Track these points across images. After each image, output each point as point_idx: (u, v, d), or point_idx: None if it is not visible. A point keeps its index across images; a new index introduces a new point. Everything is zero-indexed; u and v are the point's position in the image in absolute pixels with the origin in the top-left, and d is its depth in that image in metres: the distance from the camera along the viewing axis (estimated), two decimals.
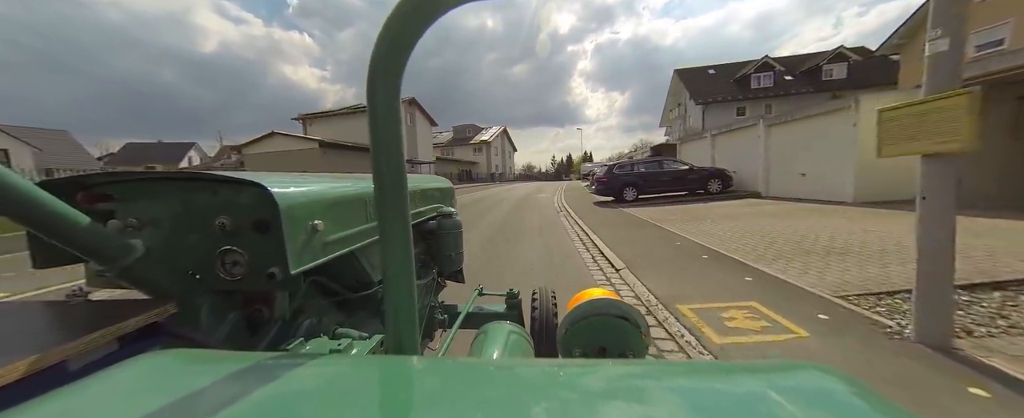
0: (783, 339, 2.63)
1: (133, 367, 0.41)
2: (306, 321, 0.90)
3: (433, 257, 1.59)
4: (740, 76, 31.28)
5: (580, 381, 0.38)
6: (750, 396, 0.35)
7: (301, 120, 31.98)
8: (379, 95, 0.46)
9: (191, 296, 0.74)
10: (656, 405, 0.34)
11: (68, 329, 0.58)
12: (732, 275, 4.11)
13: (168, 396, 0.35)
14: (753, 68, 30.65)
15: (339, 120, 30.71)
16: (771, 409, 0.32)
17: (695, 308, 3.21)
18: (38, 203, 0.52)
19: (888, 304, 3.10)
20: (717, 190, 12.88)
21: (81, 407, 0.34)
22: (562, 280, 4.31)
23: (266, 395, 0.35)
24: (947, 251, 2.34)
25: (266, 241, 0.72)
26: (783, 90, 29.47)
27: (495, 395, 0.37)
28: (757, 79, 30.54)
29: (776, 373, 0.39)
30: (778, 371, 0.39)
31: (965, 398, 1.91)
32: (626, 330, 0.80)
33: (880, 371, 2.18)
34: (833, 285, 3.58)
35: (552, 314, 1.69)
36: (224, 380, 0.38)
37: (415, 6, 0.42)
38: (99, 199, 0.75)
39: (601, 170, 14.22)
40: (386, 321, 0.53)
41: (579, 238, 7.13)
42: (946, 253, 2.35)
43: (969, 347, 2.35)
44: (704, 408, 0.33)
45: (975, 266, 3.81)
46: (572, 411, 0.32)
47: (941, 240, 2.35)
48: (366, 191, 0.99)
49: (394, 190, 0.49)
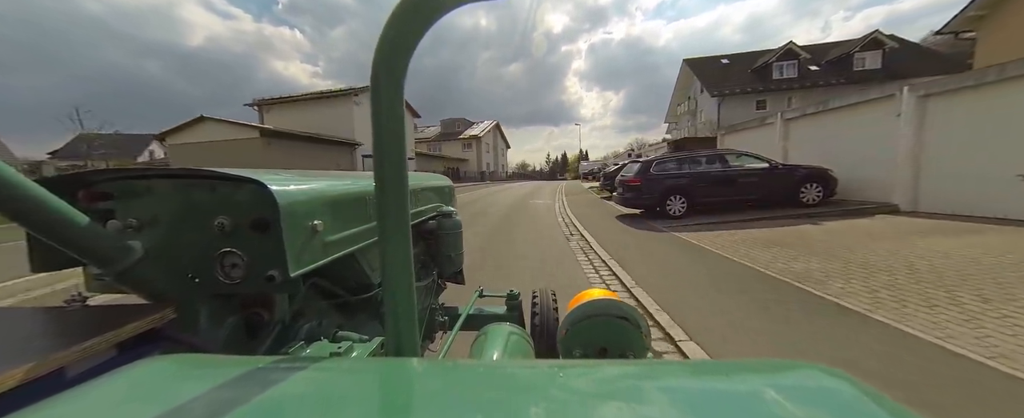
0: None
1: (132, 373, 0.41)
2: (306, 324, 0.88)
3: (433, 258, 1.56)
4: (760, 65, 27.77)
5: (581, 382, 0.38)
6: (750, 396, 0.35)
7: (257, 107, 27.22)
8: (382, 96, 0.45)
9: (190, 300, 0.72)
10: (657, 406, 0.33)
11: (66, 335, 0.57)
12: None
13: (167, 402, 0.35)
14: (775, 56, 27.13)
15: (303, 107, 25.89)
16: (771, 409, 0.32)
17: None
18: (38, 202, 0.50)
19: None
20: (815, 200, 8.25)
21: (79, 414, 0.34)
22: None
23: (266, 400, 0.35)
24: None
25: (265, 242, 0.70)
26: (809, 81, 26.03)
27: (496, 397, 0.36)
28: (779, 68, 27.03)
29: (776, 373, 0.40)
30: (778, 371, 0.40)
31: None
32: (626, 330, 0.80)
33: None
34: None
35: (552, 315, 1.66)
36: (224, 385, 0.38)
37: (416, 6, 0.42)
38: (99, 197, 0.74)
39: (633, 167, 9.28)
40: (386, 323, 0.53)
41: None
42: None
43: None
44: (704, 408, 0.33)
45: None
46: (573, 412, 0.32)
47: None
48: (366, 189, 0.95)
49: (396, 190, 0.49)
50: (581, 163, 56.90)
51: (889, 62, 25.09)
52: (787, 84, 26.30)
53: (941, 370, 2.27)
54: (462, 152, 52.11)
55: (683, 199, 8.41)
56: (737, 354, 2.60)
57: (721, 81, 27.94)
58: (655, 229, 7.42)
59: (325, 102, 25.67)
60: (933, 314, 3.03)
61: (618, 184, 9.44)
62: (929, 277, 3.89)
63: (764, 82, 26.91)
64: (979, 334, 2.66)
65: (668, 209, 8.46)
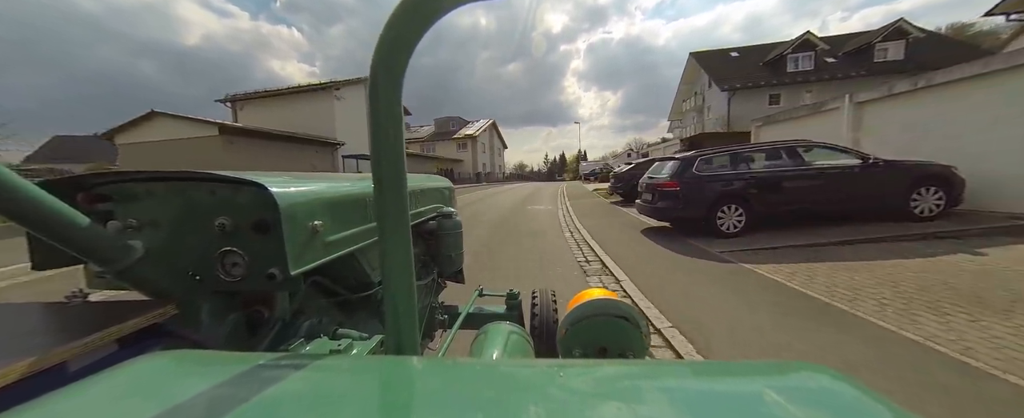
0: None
1: (133, 369, 0.41)
2: (306, 322, 0.88)
3: (433, 257, 1.57)
4: (773, 58, 25.93)
5: (580, 381, 0.38)
6: (750, 396, 0.34)
7: (230, 103, 24.89)
8: (381, 96, 0.45)
9: (191, 297, 0.73)
10: (656, 406, 0.33)
11: (67, 330, 0.58)
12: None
13: (168, 398, 0.35)
14: (790, 48, 25.26)
15: (281, 103, 23.38)
16: (771, 409, 0.32)
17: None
18: (38, 203, 0.51)
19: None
20: (933, 210, 5.70)
21: (80, 409, 0.34)
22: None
23: (266, 396, 0.35)
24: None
25: (266, 241, 0.71)
26: (826, 73, 24.22)
27: (495, 396, 0.36)
28: (794, 61, 25.18)
29: (776, 373, 0.39)
30: (778, 372, 0.40)
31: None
32: (626, 330, 0.80)
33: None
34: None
35: (552, 314, 1.67)
36: (224, 381, 0.38)
37: (416, 6, 0.42)
38: (98, 200, 0.75)
39: (665, 166, 6.88)
40: (386, 322, 0.53)
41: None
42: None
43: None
44: (704, 408, 0.33)
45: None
46: (572, 411, 0.32)
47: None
48: (365, 191, 0.96)
49: (394, 190, 0.49)
50: (581, 164, 54.21)
51: (913, 52, 23.27)
52: (803, 77, 24.48)
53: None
54: (457, 152, 49.36)
55: (739, 209, 5.88)
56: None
57: (731, 75, 26.05)
58: (707, 255, 4.99)
59: (304, 97, 23.27)
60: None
61: (644, 188, 7.06)
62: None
63: (778, 75, 25.04)
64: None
65: (720, 222, 5.86)
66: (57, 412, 0.33)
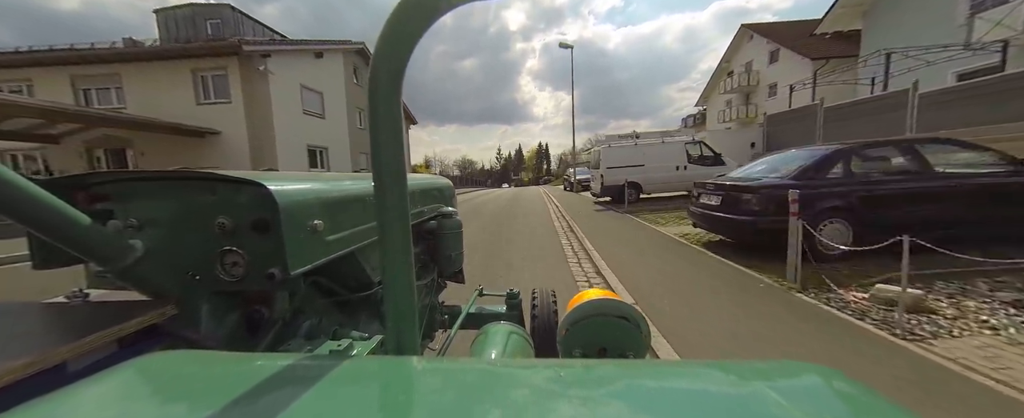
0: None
1: (133, 368, 0.41)
2: (306, 322, 0.88)
3: (433, 257, 1.55)
4: None
5: (580, 382, 0.38)
6: (750, 396, 0.34)
7: None
8: (380, 94, 0.45)
9: (191, 297, 0.72)
10: (656, 405, 0.33)
11: (68, 330, 0.58)
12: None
13: (168, 397, 0.35)
14: None
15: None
16: (771, 409, 0.32)
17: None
18: (39, 203, 0.50)
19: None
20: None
21: (80, 409, 0.34)
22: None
23: (266, 396, 0.35)
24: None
25: (266, 241, 0.71)
26: None
27: (495, 396, 0.36)
28: None
29: (776, 373, 0.39)
30: (778, 371, 0.39)
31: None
32: (626, 330, 0.80)
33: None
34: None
35: (552, 314, 1.66)
36: (224, 381, 0.38)
37: (416, 6, 0.42)
38: (98, 199, 0.74)
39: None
40: (386, 321, 0.53)
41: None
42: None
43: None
44: (704, 408, 0.33)
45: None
46: (572, 411, 0.32)
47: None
48: (365, 190, 0.95)
49: (394, 189, 0.48)
50: (567, 169, 26.68)
51: None
52: None
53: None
54: (202, 105, 12.78)
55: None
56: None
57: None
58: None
59: None
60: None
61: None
62: None
63: None
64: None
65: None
66: (57, 412, 0.33)
